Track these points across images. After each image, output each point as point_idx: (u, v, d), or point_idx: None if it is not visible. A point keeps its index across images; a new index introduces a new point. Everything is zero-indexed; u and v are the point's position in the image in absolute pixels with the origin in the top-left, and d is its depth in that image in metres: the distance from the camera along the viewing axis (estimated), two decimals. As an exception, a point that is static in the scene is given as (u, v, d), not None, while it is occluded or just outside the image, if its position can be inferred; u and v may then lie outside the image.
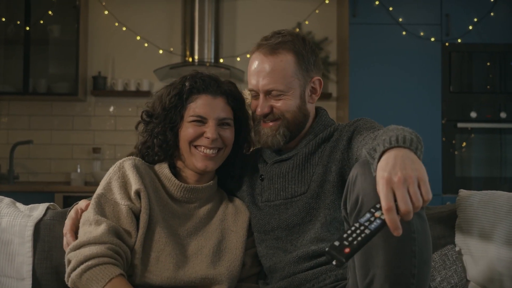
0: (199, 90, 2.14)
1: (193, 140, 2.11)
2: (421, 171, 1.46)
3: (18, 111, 5.87)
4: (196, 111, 2.11)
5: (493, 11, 5.27)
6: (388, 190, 1.42)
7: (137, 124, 2.24)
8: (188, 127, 2.12)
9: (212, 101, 2.14)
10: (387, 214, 1.38)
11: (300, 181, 2.13)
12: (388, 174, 1.44)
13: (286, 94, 2.12)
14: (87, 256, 1.84)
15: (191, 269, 2.02)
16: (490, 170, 5.31)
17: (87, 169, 5.82)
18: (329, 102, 5.86)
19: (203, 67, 5.52)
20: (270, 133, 2.15)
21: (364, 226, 1.40)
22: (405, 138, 1.60)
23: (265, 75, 2.12)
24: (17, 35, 5.62)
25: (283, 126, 2.14)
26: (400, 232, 1.39)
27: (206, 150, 2.11)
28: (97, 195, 2.02)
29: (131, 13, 5.96)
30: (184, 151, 2.14)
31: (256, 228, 2.20)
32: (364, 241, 1.38)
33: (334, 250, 1.36)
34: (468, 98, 5.26)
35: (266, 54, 2.14)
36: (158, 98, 2.19)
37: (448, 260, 2.21)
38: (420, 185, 1.43)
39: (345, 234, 1.39)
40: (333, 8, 5.98)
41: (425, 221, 1.69)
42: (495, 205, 2.20)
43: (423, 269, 1.62)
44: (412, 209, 1.40)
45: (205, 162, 2.12)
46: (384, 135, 1.65)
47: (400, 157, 1.50)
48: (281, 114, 2.13)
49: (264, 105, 2.14)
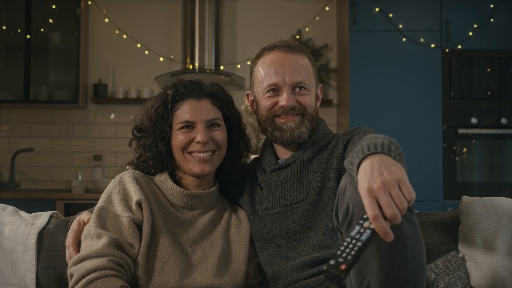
0: (182, 96, 2.15)
1: (184, 147, 2.12)
2: (398, 172, 1.47)
3: (19, 119, 5.87)
4: (183, 117, 2.12)
5: (493, 17, 5.27)
6: (371, 199, 1.43)
7: (130, 141, 2.24)
8: (178, 135, 2.12)
9: (197, 105, 2.14)
10: (375, 222, 1.39)
11: (299, 188, 2.13)
12: (368, 183, 1.45)
13: (309, 89, 2.18)
14: (89, 269, 1.83)
15: (197, 278, 2.02)
16: (491, 175, 5.30)
17: (88, 176, 5.82)
18: (329, 108, 5.87)
19: (203, 74, 5.53)
20: (295, 125, 2.16)
21: (355, 239, 1.42)
22: (376, 144, 1.61)
23: (292, 68, 2.16)
24: (18, 43, 5.62)
25: (306, 120, 2.17)
26: (392, 237, 1.40)
27: (200, 154, 2.11)
28: (98, 209, 2.02)
29: (131, 21, 5.97)
30: (179, 159, 2.14)
31: (257, 236, 2.20)
32: (359, 254, 1.39)
33: (332, 268, 1.37)
34: (468, 104, 5.27)
35: (287, 52, 2.18)
36: (145, 111, 2.20)
37: (452, 266, 2.21)
38: (401, 186, 1.44)
39: (339, 251, 1.40)
40: (333, 15, 6.00)
41: (416, 226, 1.70)
42: (498, 211, 2.20)
43: (417, 275, 1.63)
44: (398, 212, 1.40)
45: (201, 166, 2.12)
46: (358, 147, 1.67)
47: (376, 163, 1.51)
48: (305, 109, 2.17)
49: (291, 98, 2.15)
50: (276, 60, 2.18)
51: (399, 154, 1.63)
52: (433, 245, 2.28)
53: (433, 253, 2.26)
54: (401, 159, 1.62)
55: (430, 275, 2.19)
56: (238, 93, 5.50)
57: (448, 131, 5.23)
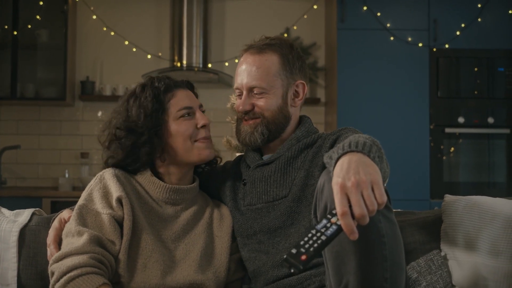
0: (171, 87, 2.16)
1: (192, 135, 2.12)
2: (374, 174, 1.48)
3: (5, 116, 5.85)
4: (181, 104, 2.13)
5: (481, 17, 5.29)
6: (342, 196, 1.43)
7: (108, 144, 2.14)
8: (180, 124, 2.12)
9: (187, 92, 2.20)
10: (342, 219, 1.40)
11: (282, 184, 2.14)
12: (342, 179, 1.46)
13: (267, 92, 2.16)
14: (70, 266, 1.83)
15: (179, 274, 2.02)
16: (478, 175, 5.33)
17: (75, 174, 5.81)
18: (317, 107, 5.88)
19: (191, 72, 5.53)
20: (249, 130, 2.19)
21: (320, 232, 1.42)
22: (358, 142, 1.62)
23: (249, 73, 2.17)
24: (5, 40, 5.61)
25: (262, 125, 2.17)
26: (356, 236, 1.40)
27: (207, 139, 2.16)
28: (79, 206, 2.01)
29: (119, 18, 5.96)
30: (184, 149, 2.12)
31: (239, 232, 2.20)
32: (321, 247, 1.40)
33: (292, 258, 1.38)
34: (456, 104, 5.28)
35: (253, 54, 2.20)
36: (133, 108, 2.11)
37: (434, 265, 2.21)
38: (374, 188, 1.45)
39: (302, 241, 1.41)
40: (321, 14, 6.00)
41: (394, 224, 1.71)
42: (480, 210, 2.20)
43: (395, 273, 1.64)
44: (367, 213, 1.41)
45: (210, 149, 2.16)
46: (340, 143, 1.68)
47: (353, 162, 1.52)
48: (261, 113, 2.17)
49: (246, 102, 2.18)
50: (242, 64, 2.21)
51: (379, 155, 1.64)
52: (416, 244, 2.28)
53: (415, 252, 2.27)
54: (380, 161, 1.63)
55: (412, 273, 2.20)
56: (225, 91, 5.54)
57: (435, 130, 5.25)
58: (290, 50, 2.22)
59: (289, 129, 2.23)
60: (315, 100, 5.83)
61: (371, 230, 1.53)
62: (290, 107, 2.22)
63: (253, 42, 2.25)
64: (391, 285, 1.60)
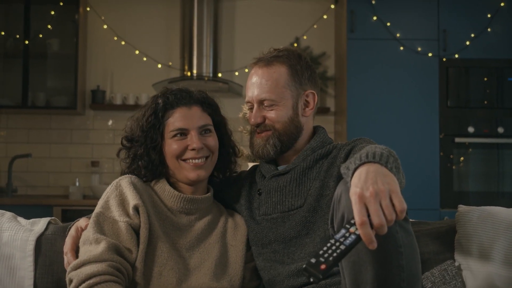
0: (172, 104, 2.17)
1: (179, 155, 2.13)
2: (392, 184, 1.50)
3: (16, 125, 5.87)
4: (175, 125, 2.14)
5: (490, 27, 5.30)
6: (361, 205, 1.45)
7: (118, 151, 2.26)
8: (171, 143, 2.14)
9: (188, 112, 2.17)
10: (361, 229, 1.41)
11: (297, 195, 2.14)
12: (360, 189, 1.47)
13: (277, 104, 2.18)
14: (88, 274, 1.83)
15: (194, 282, 2.02)
16: (488, 184, 5.31)
17: (86, 182, 5.82)
18: (327, 116, 5.89)
19: (201, 81, 5.55)
20: (261, 143, 2.20)
21: (339, 242, 1.44)
22: (375, 153, 1.63)
23: (258, 86, 2.19)
24: (16, 49, 5.63)
25: (274, 137, 2.19)
26: (375, 246, 1.42)
27: (194, 161, 2.13)
28: (96, 214, 2.02)
29: (130, 27, 5.98)
30: (173, 167, 2.16)
31: (254, 241, 2.21)
32: (340, 257, 1.41)
33: (311, 267, 1.39)
34: (465, 113, 5.28)
35: (262, 67, 2.21)
36: (135, 121, 2.22)
37: (448, 275, 2.22)
38: (392, 197, 1.46)
39: (321, 250, 1.42)
40: (331, 23, 6.01)
41: (411, 235, 1.71)
42: (494, 221, 2.21)
43: (412, 283, 1.64)
44: (385, 223, 1.43)
45: (196, 171, 2.13)
46: (357, 154, 1.69)
47: (371, 172, 1.54)
48: (272, 125, 2.19)
49: (257, 115, 2.19)
50: (251, 77, 2.23)
51: (396, 166, 1.65)
52: (429, 254, 2.29)
53: (429, 262, 2.27)
54: (397, 171, 1.64)
55: (426, 284, 2.20)
56: (236, 100, 5.54)
57: (445, 139, 5.25)
58: (298, 61, 2.24)
59: (302, 140, 2.24)
60: (325, 110, 5.84)
61: (388, 240, 1.54)
62: (301, 117, 2.23)
63: (261, 54, 2.27)
64: None
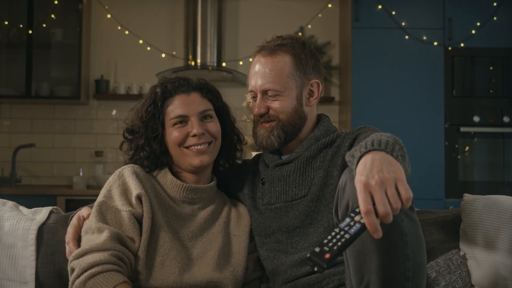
0: (171, 92, 2.16)
1: (181, 142, 2.12)
2: (398, 172, 1.48)
3: (20, 115, 5.87)
4: (175, 113, 2.12)
5: (496, 15, 5.27)
6: (366, 194, 1.43)
7: (121, 144, 2.24)
8: (172, 132, 2.12)
9: (187, 98, 2.15)
10: (366, 217, 1.40)
11: (301, 184, 2.13)
12: (366, 177, 1.46)
13: (282, 94, 2.15)
14: (91, 263, 1.83)
15: (197, 272, 2.02)
16: (493, 174, 5.30)
17: (90, 172, 5.82)
18: (331, 106, 5.87)
19: (205, 71, 5.53)
20: (265, 134, 2.18)
21: (344, 231, 1.42)
22: (381, 141, 1.61)
23: (262, 75, 2.15)
24: (20, 39, 5.62)
25: (278, 128, 2.16)
26: (380, 235, 1.40)
27: (197, 147, 2.11)
28: (98, 203, 2.02)
29: (133, 17, 5.97)
30: (177, 155, 2.15)
31: (257, 231, 2.20)
32: (345, 246, 1.40)
33: (315, 256, 1.38)
34: (470, 103, 5.26)
35: (265, 56, 2.18)
36: (135, 112, 2.21)
37: (453, 265, 2.20)
38: (398, 186, 1.44)
39: (326, 239, 1.40)
40: (335, 12, 5.99)
41: (416, 224, 1.70)
42: (500, 210, 2.20)
43: (417, 272, 1.63)
44: (391, 211, 1.41)
45: (199, 157, 2.11)
46: (362, 141, 1.67)
47: (377, 160, 1.52)
48: (276, 115, 2.16)
49: (261, 105, 2.17)
50: (254, 65, 2.20)
51: (402, 154, 1.62)
52: (434, 243, 2.28)
53: (434, 251, 2.26)
54: (403, 159, 1.62)
55: (431, 273, 2.19)
56: (240, 90, 5.51)
57: (450, 129, 5.23)
58: (303, 49, 2.20)
59: (306, 129, 2.22)
60: (329, 99, 5.82)
61: (393, 229, 1.52)
62: (305, 106, 2.20)
63: (264, 42, 2.23)
64: (412, 284, 1.60)
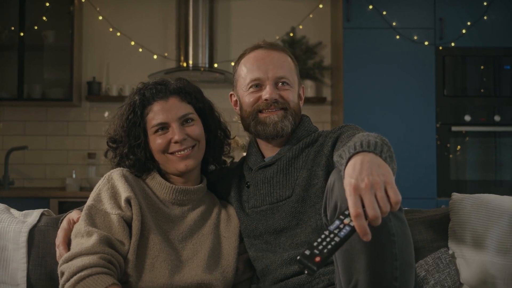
0: (149, 100, 2.15)
1: (164, 149, 2.12)
2: (387, 175, 1.48)
3: (13, 117, 5.87)
4: (155, 121, 2.12)
5: (487, 15, 5.28)
6: (356, 197, 1.43)
7: (106, 152, 2.25)
8: (155, 139, 2.13)
9: (166, 105, 2.14)
10: (356, 221, 1.40)
11: (285, 185, 2.14)
12: (355, 180, 1.45)
13: (292, 86, 2.19)
14: (80, 267, 1.83)
15: (187, 274, 2.02)
16: (485, 173, 5.31)
17: (82, 174, 5.82)
18: (323, 106, 5.87)
19: (197, 72, 5.54)
20: (277, 119, 2.15)
21: (333, 233, 1.42)
22: (369, 142, 1.61)
23: (275, 64, 2.17)
24: (12, 41, 5.62)
25: (289, 114, 2.17)
26: (369, 238, 1.40)
27: (181, 152, 2.11)
28: (87, 207, 2.02)
29: (125, 18, 5.97)
30: (162, 161, 2.16)
31: (246, 233, 2.21)
32: (335, 249, 1.40)
33: (306, 259, 1.38)
34: (462, 102, 5.27)
35: (270, 50, 2.21)
36: (117, 120, 2.20)
37: (442, 263, 2.21)
38: (387, 189, 1.45)
39: (315, 242, 1.40)
40: (327, 13, 6.00)
41: (404, 223, 1.70)
42: (488, 208, 2.20)
43: (405, 272, 1.63)
44: (380, 215, 1.41)
45: (184, 162, 2.12)
46: (350, 142, 1.67)
47: (366, 162, 1.52)
48: (287, 103, 2.17)
49: (274, 91, 2.16)
50: (259, 57, 2.19)
51: (390, 155, 1.63)
52: (423, 242, 2.28)
53: (423, 250, 2.27)
54: (391, 160, 1.62)
55: (420, 272, 2.20)
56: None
57: (441, 128, 5.24)
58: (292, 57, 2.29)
59: None
60: (321, 99, 5.81)
61: (381, 229, 1.53)
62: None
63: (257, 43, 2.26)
64: (401, 283, 1.60)
